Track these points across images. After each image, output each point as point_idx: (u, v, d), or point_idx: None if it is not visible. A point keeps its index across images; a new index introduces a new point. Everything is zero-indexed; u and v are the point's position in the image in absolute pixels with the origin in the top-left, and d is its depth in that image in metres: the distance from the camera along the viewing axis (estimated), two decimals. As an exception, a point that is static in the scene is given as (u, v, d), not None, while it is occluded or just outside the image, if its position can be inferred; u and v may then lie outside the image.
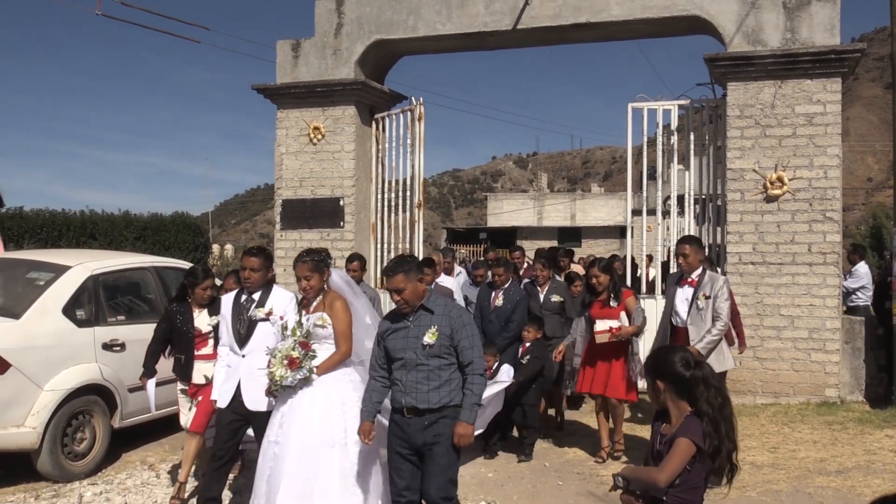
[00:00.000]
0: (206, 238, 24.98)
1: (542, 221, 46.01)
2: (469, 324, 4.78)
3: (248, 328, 5.71)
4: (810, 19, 9.59)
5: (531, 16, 10.56)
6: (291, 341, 5.23)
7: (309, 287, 5.34)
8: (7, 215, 17.41)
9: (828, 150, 9.53)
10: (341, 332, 5.30)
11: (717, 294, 6.66)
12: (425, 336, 4.69)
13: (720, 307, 6.64)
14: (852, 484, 6.54)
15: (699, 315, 6.69)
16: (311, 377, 5.19)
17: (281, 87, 11.63)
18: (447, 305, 4.86)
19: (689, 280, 6.82)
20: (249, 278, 5.65)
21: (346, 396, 5.24)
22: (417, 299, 4.78)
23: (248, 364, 5.64)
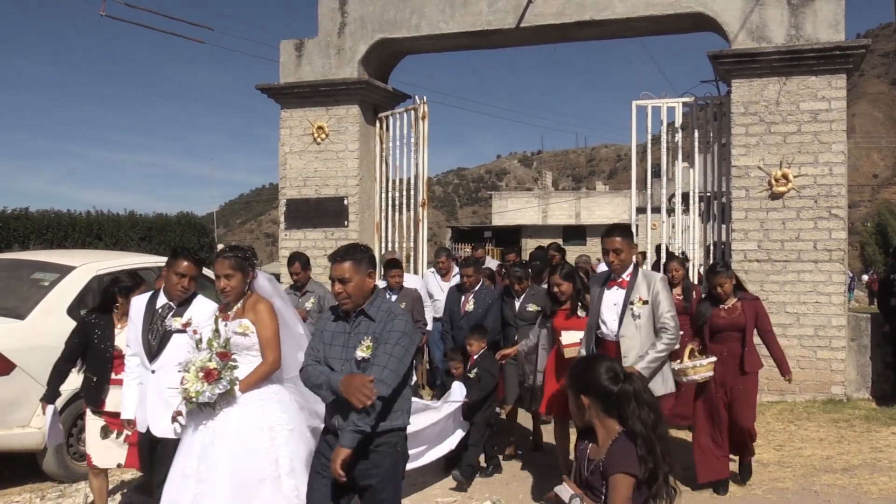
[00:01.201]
0: (211, 238, 25.02)
1: (547, 220, 46.00)
2: (398, 341, 3.98)
3: (160, 339, 4.97)
4: (815, 15, 9.56)
5: (534, 14, 10.54)
6: (207, 352, 4.48)
7: (229, 287, 4.59)
8: (13, 216, 17.47)
9: (833, 146, 9.50)
10: (267, 340, 4.56)
11: (658, 298, 5.51)
12: (358, 349, 4.02)
13: (665, 315, 5.49)
14: (858, 482, 6.52)
15: (635, 326, 5.52)
16: (233, 392, 4.44)
17: (285, 87, 11.63)
18: (390, 312, 4.10)
19: (619, 281, 5.62)
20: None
21: (273, 419, 4.51)
22: (362, 297, 4.10)
23: (158, 382, 4.90)
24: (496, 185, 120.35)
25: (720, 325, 6.40)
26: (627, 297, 5.53)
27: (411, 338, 4.07)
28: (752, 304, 6.53)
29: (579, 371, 3.35)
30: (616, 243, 5.57)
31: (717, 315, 6.42)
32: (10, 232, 16.65)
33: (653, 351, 5.44)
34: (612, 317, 5.59)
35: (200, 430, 4.46)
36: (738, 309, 6.41)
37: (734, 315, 6.40)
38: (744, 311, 6.40)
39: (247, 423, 4.44)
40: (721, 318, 6.41)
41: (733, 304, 6.44)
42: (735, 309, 6.42)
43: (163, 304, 5.06)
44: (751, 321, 6.42)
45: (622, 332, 5.54)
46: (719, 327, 6.40)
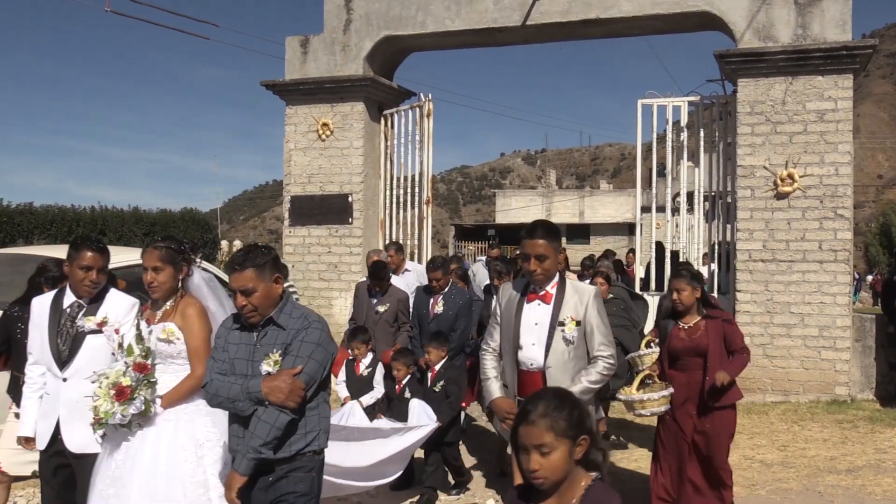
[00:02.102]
0: (215, 234, 25.04)
1: (551, 218, 45.76)
2: (311, 353, 3.49)
3: (71, 343, 4.31)
4: (822, 15, 9.53)
5: (540, 12, 10.52)
6: (122, 363, 3.92)
7: (156, 283, 4.04)
8: (17, 211, 17.50)
9: (839, 146, 9.48)
10: (195, 349, 4.01)
11: (591, 319, 4.34)
12: (264, 362, 3.49)
13: (599, 341, 4.34)
14: (863, 483, 6.51)
15: (566, 354, 4.29)
16: (150, 412, 3.92)
17: (290, 84, 11.62)
18: (304, 319, 3.58)
19: (542, 294, 4.35)
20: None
21: (202, 435, 3.99)
22: (269, 307, 3.56)
23: (70, 391, 4.24)
24: (500, 183, 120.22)
25: (678, 348, 5.33)
26: (555, 315, 4.30)
27: (327, 349, 3.55)
28: (720, 325, 5.33)
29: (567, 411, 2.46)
30: (539, 247, 4.27)
31: (676, 336, 5.36)
32: (14, 227, 16.67)
33: (585, 380, 4.24)
34: (535, 340, 4.31)
35: (116, 450, 3.97)
36: (700, 329, 5.29)
37: (695, 336, 5.29)
38: (706, 333, 5.26)
39: (165, 442, 3.93)
40: (679, 340, 5.33)
41: (695, 322, 5.32)
42: (697, 329, 5.30)
43: (71, 303, 4.39)
44: (716, 344, 5.25)
45: (550, 362, 4.26)
46: (677, 351, 5.34)
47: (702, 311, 5.38)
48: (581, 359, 4.32)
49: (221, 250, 27.22)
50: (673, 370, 5.39)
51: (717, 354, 5.24)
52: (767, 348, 9.61)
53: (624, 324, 7.47)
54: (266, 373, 3.47)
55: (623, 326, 7.40)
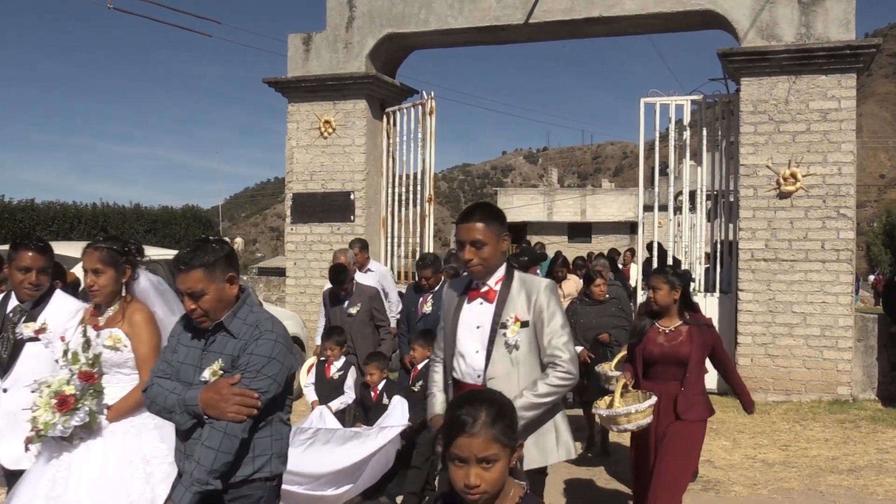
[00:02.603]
0: (217, 231, 25.03)
1: (553, 217, 45.88)
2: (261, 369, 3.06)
3: (11, 350, 4.06)
4: (825, 14, 9.51)
5: (543, 10, 10.50)
6: (67, 371, 3.64)
7: (97, 286, 3.73)
8: (19, 207, 17.48)
9: (842, 146, 9.46)
10: (144, 357, 3.70)
11: (543, 316, 3.54)
12: (206, 371, 3.10)
13: (555, 343, 3.51)
14: (864, 483, 6.50)
15: (510, 361, 3.53)
16: (96, 424, 3.61)
17: (292, 81, 11.61)
18: (256, 328, 3.14)
19: (484, 291, 3.61)
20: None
21: (149, 450, 3.68)
22: (222, 310, 3.16)
23: (9, 402, 3.99)
24: (501, 181, 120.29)
25: (654, 353, 4.82)
26: (497, 316, 3.55)
27: (282, 363, 3.11)
28: (704, 332, 4.86)
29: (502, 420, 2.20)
30: (475, 231, 3.49)
31: (653, 340, 4.85)
32: (16, 223, 16.64)
33: (530, 393, 3.42)
34: (474, 346, 3.58)
35: (53, 462, 3.61)
36: (681, 335, 4.79)
37: (675, 343, 4.78)
38: (689, 339, 4.77)
39: (113, 456, 3.61)
40: (656, 345, 4.82)
41: (677, 326, 4.83)
42: (678, 334, 4.80)
43: (14, 307, 4.13)
44: (698, 353, 4.76)
45: (491, 372, 3.52)
46: (653, 357, 4.83)
47: (683, 315, 4.88)
48: (533, 368, 3.55)
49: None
50: (645, 379, 4.87)
51: (697, 365, 4.75)
52: (769, 348, 9.60)
53: (623, 325, 7.33)
54: (205, 381, 3.08)
55: (622, 328, 7.27)
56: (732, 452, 7.39)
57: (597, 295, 7.43)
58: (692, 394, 4.73)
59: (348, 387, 6.54)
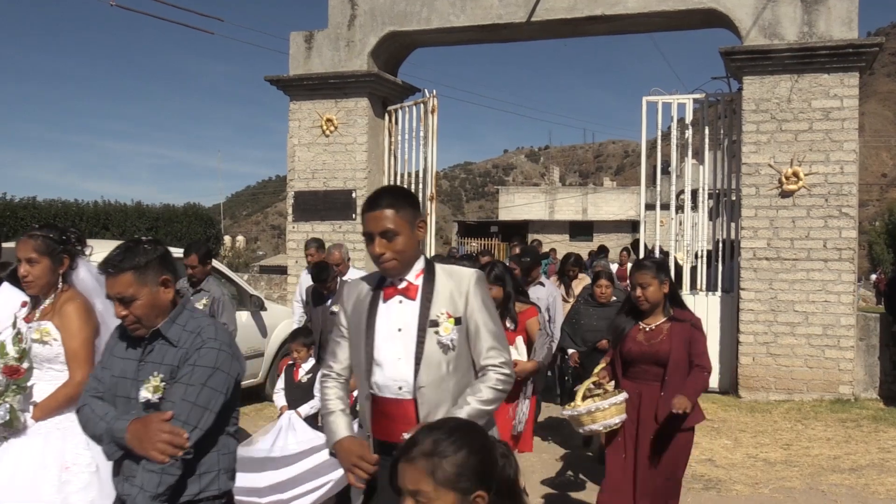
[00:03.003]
0: (218, 229, 25.01)
1: (554, 215, 45.90)
2: (206, 381, 2.79)
3: None
4: (828, 13, 9.50)
5: (545, 8, 10.49)
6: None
7: (31, 276, 3.49)
8: (21, 205, 17.53)
9: (844, 145, 9.45)
10: (74, 352, 3.44)
11: (475, 313, 3.02)
12: (143, 388, 2.80)
13: (489, 343, 3.01)
14: (866, 482, 6.49)
15: (444, 366, 2.96)
16: (18, 421, 3.35)
17: (294, 79, 11.61)
18: (201, 331, 2.87)
19: (404, 288, 3.04)
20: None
21: (71, 457, 3.37)
22: (156, 316, 2.88)
23: None
24: (503, 179, 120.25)
25: (633, 352, 4.48)
26: (425, 314, 2.97)
27: (228, 373, 2.86)
28: (685, 329, 4.44)
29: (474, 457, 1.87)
30: (386, 220, 2.93)
31: (633, 338, 4.50)
32: (17, 221, 16.66)
33: (476, 400, 2.93)
34: (395, 353, 2.98)
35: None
36: (662, 332, 4.44)
37: (655, 341, 4.43)
38: (670, 338, 4.40)
39: (28, 459, 3.33)
40: (636, 343, 4.47)
41: (659, 324, 4.48)
42: (659, 332, 4.45)
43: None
44: (679, 353, 4.38)
45: (423, 380, 2.93)
46: (631, 356, 4.49)
47: (668, 311, 4.49)
48: (465, 372, 3.01)
49: (224, 246, 27.26)
50: (625, 378, 4.53)
51: (679, 366, 4.35)
52: (771, 347, 9.59)
53: None
54: (145, 400, 2.78)
55: None
56: (734, 451, 7.39)
57: (598, 296, 7.15)
58: (670, 399, 4.26)
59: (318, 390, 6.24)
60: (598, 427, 4.37)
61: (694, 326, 4.51)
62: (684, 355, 4.39)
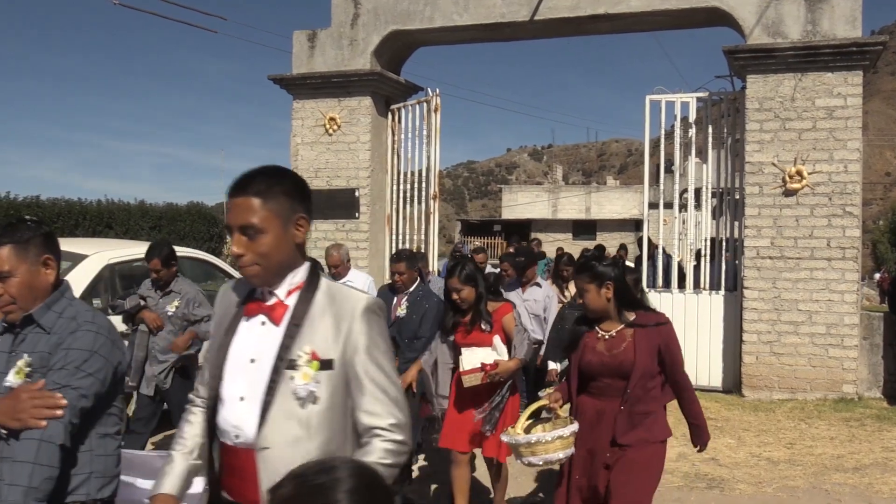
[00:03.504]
0: (221, 228, 25.03)
1: (557, 214, 45.88)
2: (80, 364, 2.53)
3: None
4: (832, 11, 9.48)
5: (548, 7, 10.48)
6: None
7: None
8: (24, 204, 17.55)
9: (848, 143, 9.43)
10: None
11: (356, 351, 2.21)
12: (11, 373, 2.57)
13: (379, 392, 2.21)
14: (870, 481, 6.49)
15: (305, 423, 2.16)
16: None
17: (297, 78, 11.61)
18: (77, 316, 2.66)
19: (270, 305, 2.29)
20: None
21: None
22: (33, 299, 2.65)
23: None
24: (506, 178, 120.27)
25: (593, 363, 3.92)
26: (285, 348, 2.21)
27: (108, 359, 2.62)
28: (653, 335, 3.89)
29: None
30: (248, 210, 2.23)
31: (591, 347, 3.94)
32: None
33: None
34: (244, 390, 2.22)
35: None
36: (624, 340, 3.89)
37: (617, 351, 3.87)
38: (633, 346, 3.84)
39: None
40: (595, 354, 3.92)
41: (619, 330, 3.92)
42: (621, 339, 3.90)
43: None
44: (645, 361, 3.82)
45: (268, 437, 2.16)
46: (591, 368, 3.93)
47: (624, 317, 3.94)
48: (338, 433, 2.20)
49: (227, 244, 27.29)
50: (584, 395, 3.97)
51: (644, 377, 3.82)
52: (774, 346, 9.58)
53: None
54: (10, 385, 2.54)
55: None
56: (737, 450, 7.38)
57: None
58: (637, 413, 3.81)
59: None
60: (538, 461, 3.81)
61: (664, 330, 3.95)
62: (651, 366, 3.85)
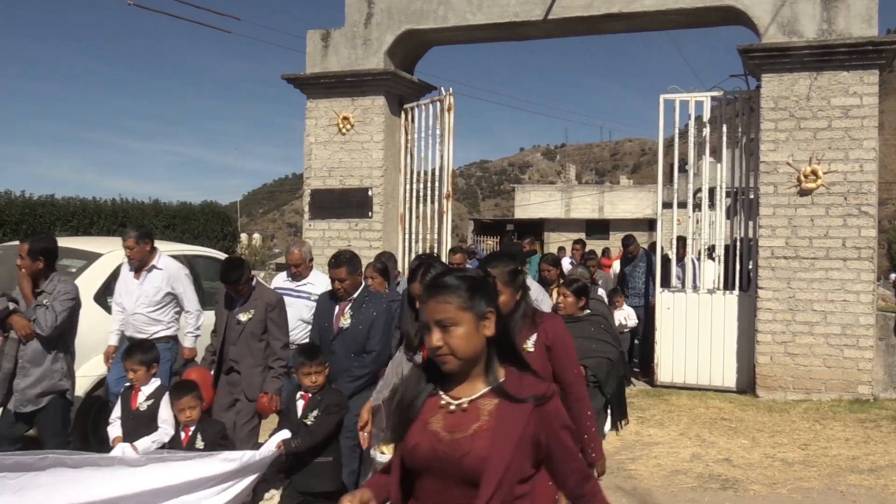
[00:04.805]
0: (235, 227, 25.13)
1: (570, 213, 45.78)
2: None
3: None
4: (847, 10, 9.42)
5: (562, 6, 10.46)
6: None
7: None
8: (39, 202, 17.65)
9: (864, 143, 9.37)
10: None
11: None
12: None
13: None
14: (885, 483, 6.44)
15: None
16: None
17: (311, 77, 11.63)
18: None
19: None
20: None
21: None
22: None
23: None
24: (519, 177, 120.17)
25: (422, 453, 2.74)
26: None
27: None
28: (527, 418, 2.30)
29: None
30: None
31: (423, 424, 2.69)
32: (36, 218, 16.78)
33: None
34: None
35: None
36: (479, 416, 2.34)
37: (461, 434, 2.33)
38: (493, 429, 2.29)
39: None
40: (427, 436, 2.61)
41: (475, 398, 2.35)
42: (474, 414, 2.35)
43: None
44: (504, 457, 2.26)
45: None
46: (420, 459, 2.78)
47: (493, 375, 2.36)
48: None
49: (241, 243, 27.38)
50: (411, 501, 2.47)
51: (506, 482, 2.26)
52: (789, 346, 9.53)
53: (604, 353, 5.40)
54: None
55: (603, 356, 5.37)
56: (751, 451, 7.35)
57: (560, 308, 5.59)
58: None
59: (163, 420, 5.12)
60: None
61: (548, 411, 2.33)
62: (519, 464, 2.30)
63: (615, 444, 7.69)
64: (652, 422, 8.38)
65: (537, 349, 3.23)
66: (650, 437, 7.84)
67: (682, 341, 10.21)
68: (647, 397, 9.70)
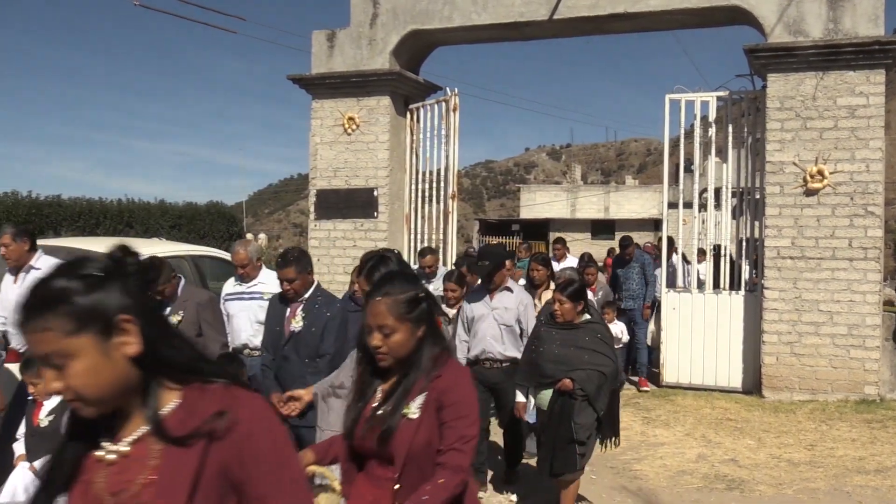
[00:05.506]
0: (240, 227, 25.15)
1: (576, 214, 45.77)
2: None
3: None
4: (853, 9, 9.40)
5: (568, 6, 10.45)
6: None
7: None
8: (46, 203, 17.69)
9: (870, 143, 9.35)
10: None
11: None
12: None
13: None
14: (892, 483, 6.43)
15: None
16: None
17: (316, 77, 11.64)
18: None
19: None
20: None
21: None
22: None
23: None
24: (524, 178, 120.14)
25: None
26: None
27: None
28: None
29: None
30: None
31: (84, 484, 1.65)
32: (42, 219, 16.82)
33: None
34: None
35: None
36: (144, 467, 1.58)
37: (125, 492, 1.58)
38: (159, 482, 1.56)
39: None
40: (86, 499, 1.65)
41: (136, 440, 1.62)
42: (139, 465, 1.59)
43: None
44: None
45: None
46: None
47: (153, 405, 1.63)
48: None
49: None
50: None
51: None
52: (795, 346, 9.51)
53: (599, 364, 5.20)
54: None
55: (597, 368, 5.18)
56: (757, 452, 7.34)
57: (557, 315, 5.30)
58: None
59: None
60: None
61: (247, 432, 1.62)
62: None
63: (621, 445, 7.68)
64: (657, 422, 8.37)
65: (423, 414, 2.50)
66: (656, 438, 7.83)
67: (687, 342, 10.20)
68: (653, 398, 9.69)
